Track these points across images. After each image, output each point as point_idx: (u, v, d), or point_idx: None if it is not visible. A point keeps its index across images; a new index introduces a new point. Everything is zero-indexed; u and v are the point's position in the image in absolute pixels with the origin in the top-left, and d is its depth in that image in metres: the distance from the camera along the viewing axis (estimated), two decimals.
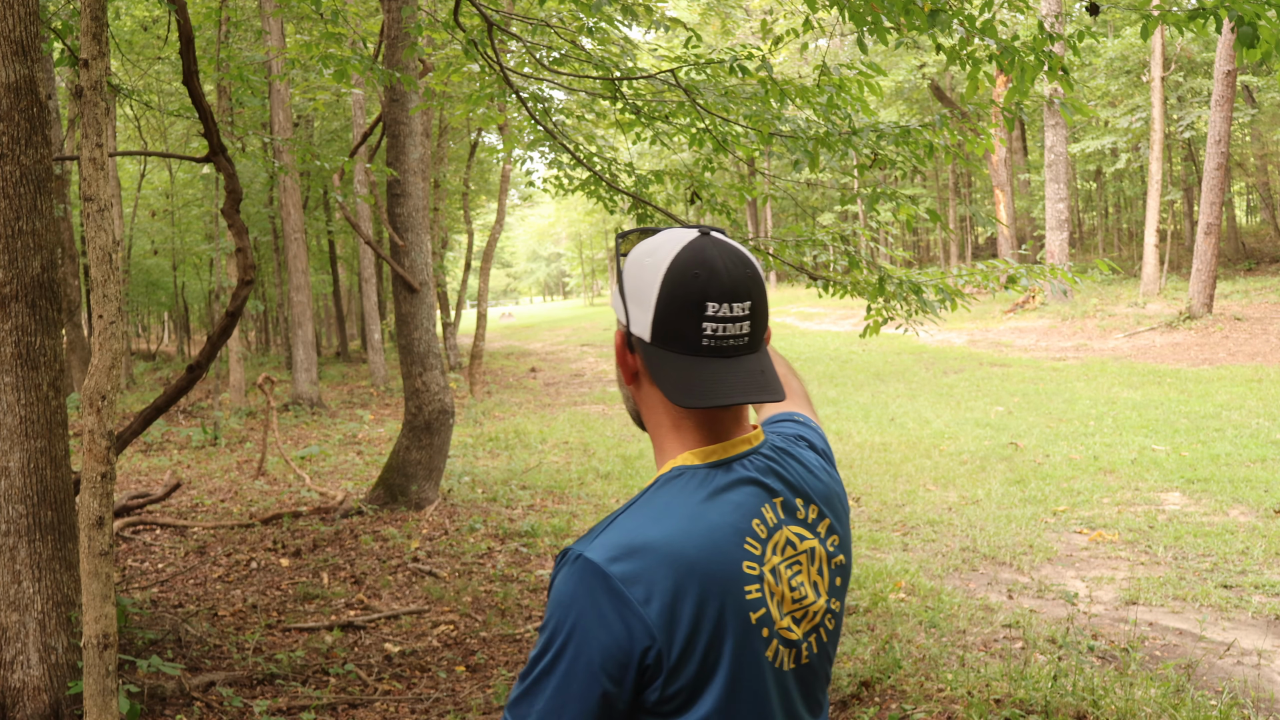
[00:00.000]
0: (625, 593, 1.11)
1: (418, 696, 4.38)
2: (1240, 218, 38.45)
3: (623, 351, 1.27)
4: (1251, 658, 4.59)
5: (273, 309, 31.35)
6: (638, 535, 1.15)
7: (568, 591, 1.13)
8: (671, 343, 1.20)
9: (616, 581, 1.11)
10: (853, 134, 5.43)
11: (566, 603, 1.12)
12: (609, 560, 1.12)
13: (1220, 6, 3.80)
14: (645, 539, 1.14)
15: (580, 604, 1.11)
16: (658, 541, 1.14)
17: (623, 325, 1.26)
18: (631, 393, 1.30)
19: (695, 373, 1.19)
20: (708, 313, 1.18)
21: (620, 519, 1.18)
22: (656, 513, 1.17)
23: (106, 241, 3.03)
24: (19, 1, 3.73)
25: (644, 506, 1.19)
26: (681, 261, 1.20)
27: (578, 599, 1.12)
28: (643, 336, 1.22)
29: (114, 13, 14.32)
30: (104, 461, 2.96)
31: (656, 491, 1.20)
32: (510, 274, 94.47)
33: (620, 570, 1.12)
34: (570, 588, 1.13)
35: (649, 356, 1.23)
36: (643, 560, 1.12)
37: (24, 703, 3.70)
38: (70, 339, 14.49)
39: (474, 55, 5.71)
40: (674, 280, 1.20)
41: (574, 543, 1.17)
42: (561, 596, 1.13)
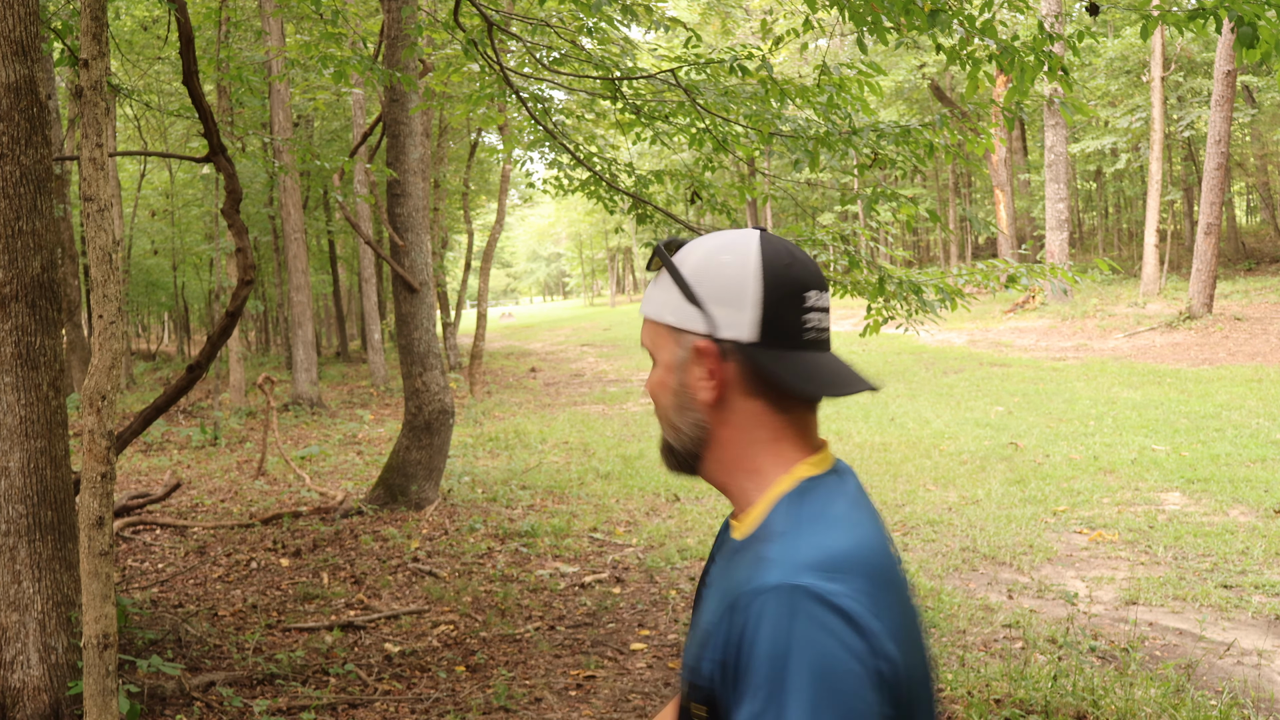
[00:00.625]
0: (853, 608, 0.98)
1: (418, 696, 4.38)
2: (1240, 218, 38.46)
3: (710, 364, 1.12)
4: (1251, 658, 4.59)
5: (273, 309, 31.36)
6: (830, 550, 1.02)
7: (792, 627, 0.96)
8: (781, 339, 1.10)
9: (840, 599, 0.98)
10: (853, 134, 5.43)
11: (800, 643, 0.95)
12: (822, 581, 0.99)
13: (1220, 7, 3.80)
14: (838, 552, 1.02)
15: (814, 635, 0.96)
16: (848, 552, 1.03)
17: (702, 334, 1.12)
18: (705, 417, 1.14)
19: (812, 366, 1.11)
20: (808, 303, 1.12)
21: (797, 542, 1.03)
22: (829, 524, 1.06)
23: (106, 241, 3.03)
24: (19, 1, 3.73)
25: (811, 523, 1.06)
26: (770, 253, 1.12)
27: (810, 636, 0.96)
28: (740, 338, 1.10)
29: (114, 13, 14.32)
30: (104, 461, 2.96)
31: (808, 504, 1.09)
32: (510, 274, 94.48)
33: (836, 588, 0.99)
34: (794, 625, 0.96)
35: (755, 359, 1.10)
36: (851, 574, 1.01)
37: (24, 703, 3.70)
38: (70, 339, 14.49)
39: (474, 55, 5.71)
40: (772, 271, 1.11)
41: (762, 578, 1.00)
42: (788, 633, 0.96)
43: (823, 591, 0.98)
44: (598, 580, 6.14)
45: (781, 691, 0.95)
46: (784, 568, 1.00)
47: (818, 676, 0.94)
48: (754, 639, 0.97)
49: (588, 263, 71.98)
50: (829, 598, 0.97)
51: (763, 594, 0.99)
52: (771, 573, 1.00)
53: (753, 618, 0.98)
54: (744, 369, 1.11)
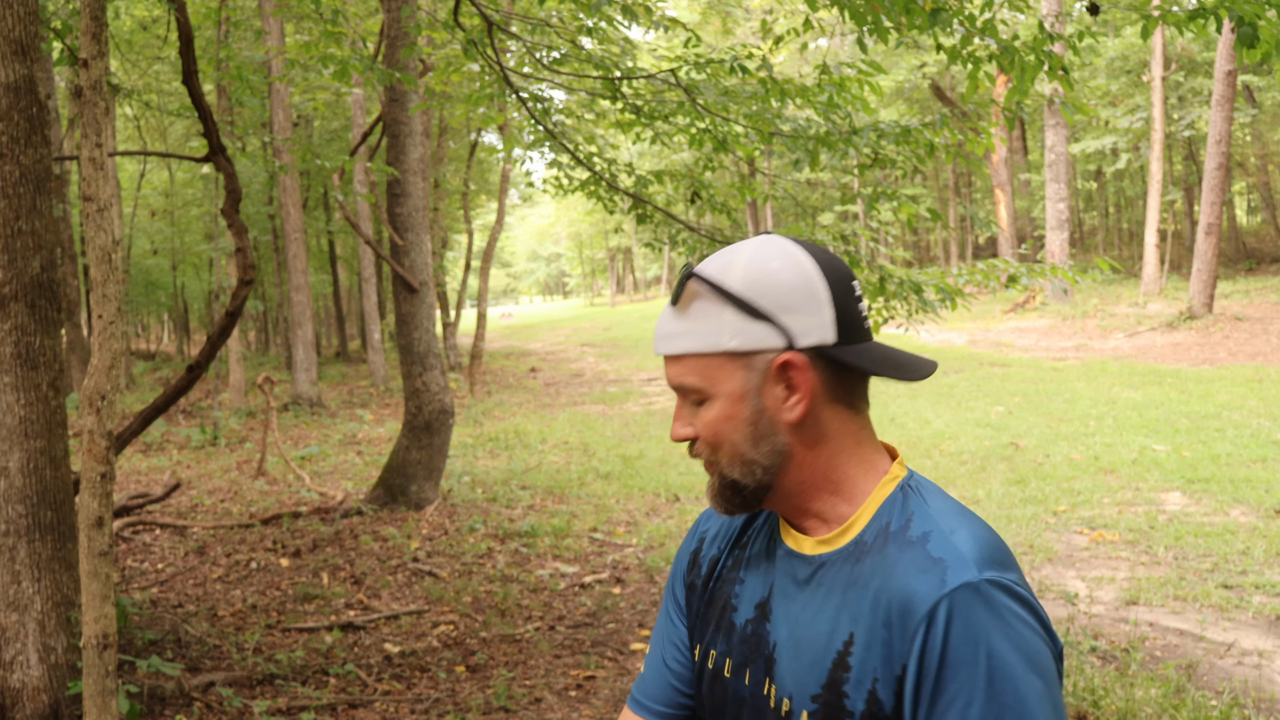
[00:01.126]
0: (1034, 600, 0.99)
1: (418, 696, 4.37)
2: (1241, 218, 38.44)
3: (801, 377, 1.05)
4: (1252, 658, 4.59)
5: (273, 309, 31.35)
6: (987, 543, 1.01)
7: (992, 623, 0.95)
8: (855, 333, 1.07)
9: (1024, 590, 0.99)
10: (853, 133, 5.43)
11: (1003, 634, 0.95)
12: (1001, 573, 0.98)
13: (1220, 7, 3.80)
14: (992, 544, 1.02)
15: (1015, 628, 0.96)
16: (996, 542, 1.03)
17: (780, 348, 1.05)
18: (788, 439, 1.07)
19: (883, 353, 1.08)
20: (857, 292, 1.09)
21: (957, 539, 1.01)
22: (968, 518, 1.05)
23: (106, 241, 3.03)
24: (19, 1, 3.73)
25: (954, 518, 1.04)
26: (811, 252, 1.08)
27: (1008, 625, 0.95)
28: (824, 341, 1.05)
29: (114, 12, 14.32)
30: (103, 461, 2.96)
31: (933, 499, 1.07)
32: (510, 274, 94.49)
33: (1014, 578, 0.99)
34: (996, 621, 0.95)
35: (842, 359, 1.05)
36: (1010, 558, 1.02)
37: (24, 703, 3.69)
38: (70, 339, 14.49)
39: (474, 55, 5.71)
40: (829, 267, 1.07)
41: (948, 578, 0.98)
42: (991, 630, 0.95)
43: (1006, 582, 0.97)
44: (598, 580, 6.14)
45: (1008, 685, 0.93)
46: (962, 566, 0.98)
47: (1030, 667, 0.94)
48: (957, 642, 0.95)
49: (588, 263, 71.98)
50: (1013, 587, 0.97)
51: (956, 595, 0.96)
52: (953, 573, 0.97)
53: (948, 623, 0.96)
54: (828, 376, 1.07)
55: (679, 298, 1.08)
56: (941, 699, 0.95)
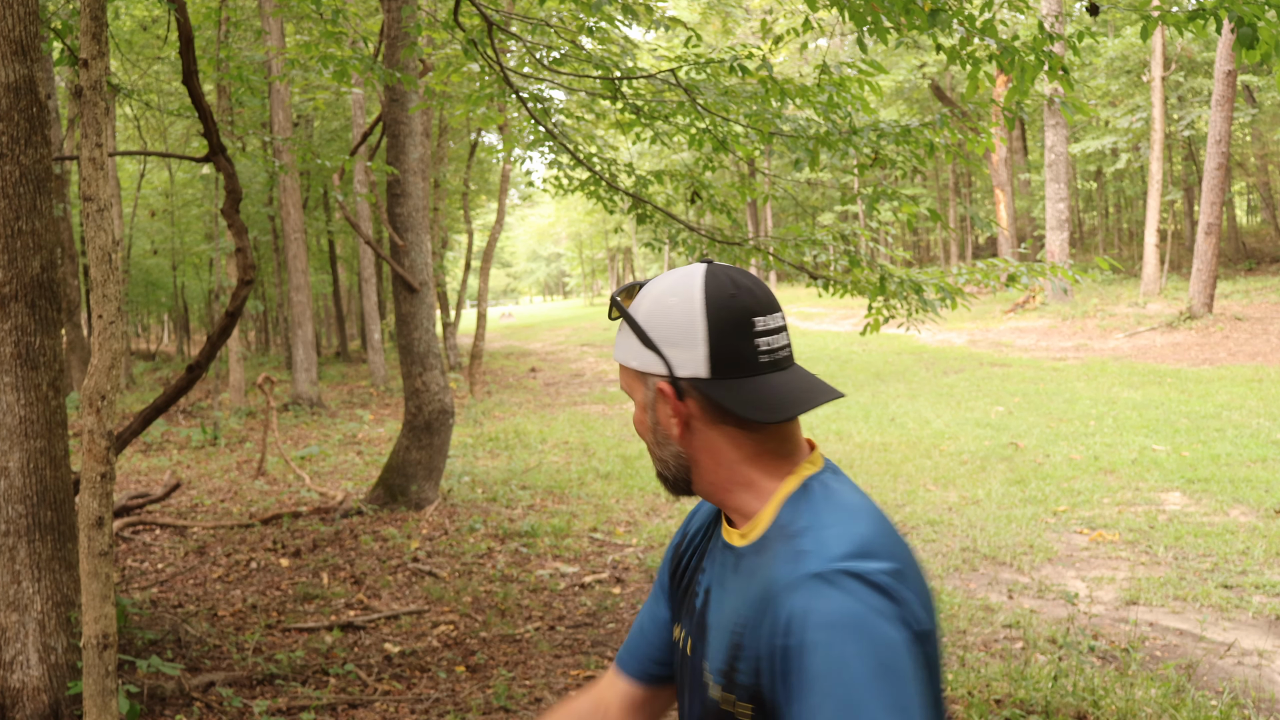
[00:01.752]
0: (890, 586, 1.06)
1: (418, 696, 4.37)
2: (1241, 218, 38.46)
3: (670, 404, 1.19)
4: (1252, 658, 4.59)
5: (273, 309, 31.36)
6: (858, 536, 1.09)
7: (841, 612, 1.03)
8: (734, 369, 1.16)
9: (879, 578, 1.06)
10: (853, 133, 5.43)
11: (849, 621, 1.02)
12: (856, 562, 1.06)
13: (1220, 7, 3.80)
14: (864, 538, 1.10)
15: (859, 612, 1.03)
16: (872, 536, 1.10)
17: (662, 376, 1.18)
18: (681, 450, 1.21)
19: (768, 389, 1.16)
20: (757, 329, 1.17)
21: (825, 534, 1.10)
22: (848, 514, 1.13)
23: (106, 241, 3.03)
24: (19, 1, 3.73)
25: (830, 515, 1.13)
26: (714, 288, 1.17)
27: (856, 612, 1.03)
28: (697, 375, 1.16)
29: (114, 12, 14.32)
30: (103, 461, 2.96)
31: (819, 499, 1.15)
32: (510, 274, 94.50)
33: (873, 570, 1.06)
34: (841, 607, 1.03)
35: (711, 393, 1.16)
36: (879, 555, 1.08)
37: (24, 703, 3.70)
38: (70, 339, 14.49)
39: (474, 55, 5.71)
40: (716, 306, 1.16)
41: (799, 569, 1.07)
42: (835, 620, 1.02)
43: (860, 570, 1.05)
44: (598, 580, 6.14)
45: (842, 669, 1.01)
46: (820, 557, 1.07)
47: (870, 650, 1.01)
48: (804, 625, 1.04)
49: (588, 263, 72.00)
50: (867, 576, 1.05)
51: (806, 583, 1.06)
52: (810, 563, 1.07)
53: (799, 607, 1.05)
54: (704, 403, 1.18)
55: (612, 316, 1.25)
56: (790, 680, 1.04)
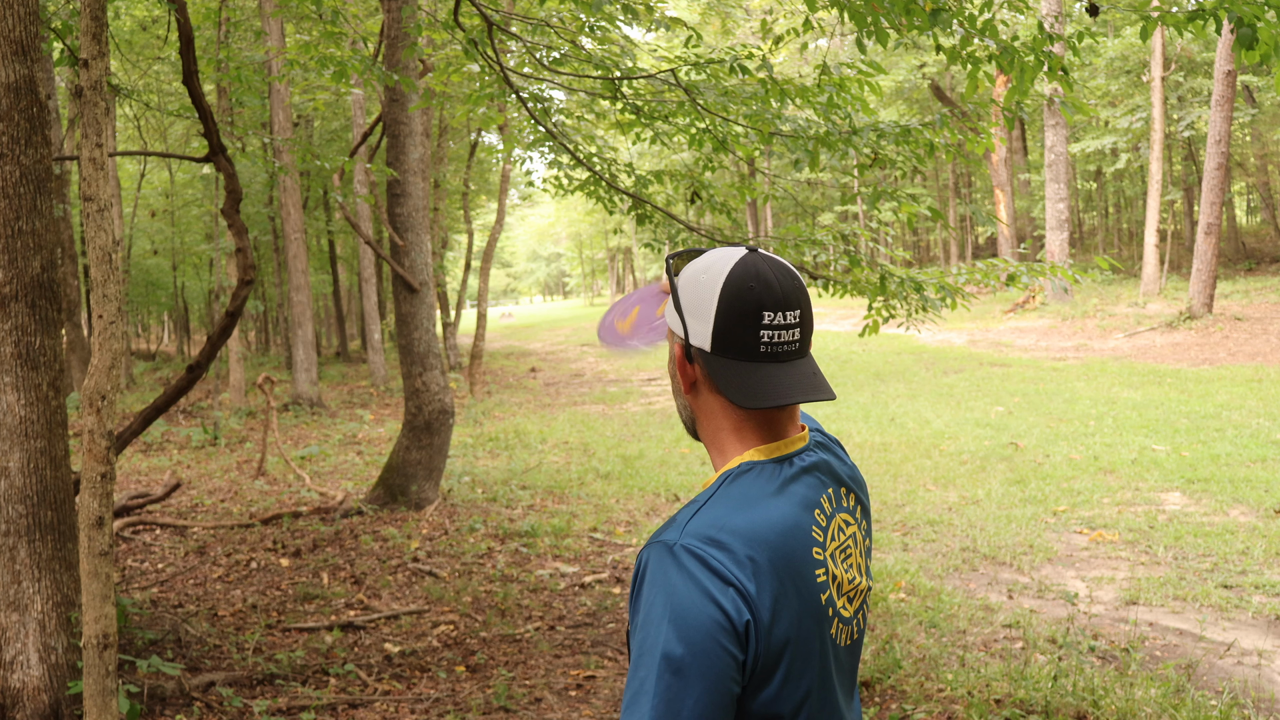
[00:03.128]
0: (725, 572, 1.18)
1: (418, 696, 4.38)
2: (1240, 218, 38.45)
3: (682, 363, 1.35)
4: (1252, 658, 4.59)
5: (273, 309, 31.35)
6: (725, 522, 1.23)
7: (669, 579, 1.18)
8: (731, 350, 1.30)
9: (715, 562, 1.18)
10: (853, 133, 5.43)
11: (669, 589, 1.17)
12: (703, 544, 1.20)
13: (1220, 8, 3.80)
14: (732, 526, 1.22)
15: (683, 587, 1.17)
16: (743, 528, 1.22)
17: (681, 339, 1.34)
18: (689, 401, 1.38)
19: (755, 377, 1.29)
20: (764, 321, 1.29)
21: (702, 511, 1.25)
22: (735, 504, 1.26)
23: (106, 241, 3.03)
24: (19, 1, 3.73)
25: (722, 499, 1.26)
26: (736, 275, 1.30)
27: (678, 583, 1.17)
28: (703, 347, 1.31)
29: (114, 12, 14.32)
30: (104, 461, 2.96)
31: (731, 485, 1.29)
32: (510, 274, 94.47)
33: (716, 553, 1.19)
34: (671, 574, 1.18)
35: (709, 365, 1.31)
36: (733, 544, 1.20)
37: (24, 703, 3.70)
38: (70, 339, 14.49)
39: (474, 55, 5.71)
40: (731, 293, 1.29)
41: (658, 536, 1.23)
42: (664, 584, 1.18)
43: (698, 550, 1.19)
44: (598, 580, 6.14)
45: (648, 624, 1.16)
46: (676, 530, 1.22)
47: (676, 615, 1.15)
48: (640, 579, 1.21)
49: (588, 263, 71.99)
50: (703, 555, 1.19)
51: (654, 545, 1.22)
52: (668, 532, 1.23)
53: (643, 561, 1.22)
54: (703, 371, 1.33)
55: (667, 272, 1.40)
56: (633, 619, 1.21)
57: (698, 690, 1.14)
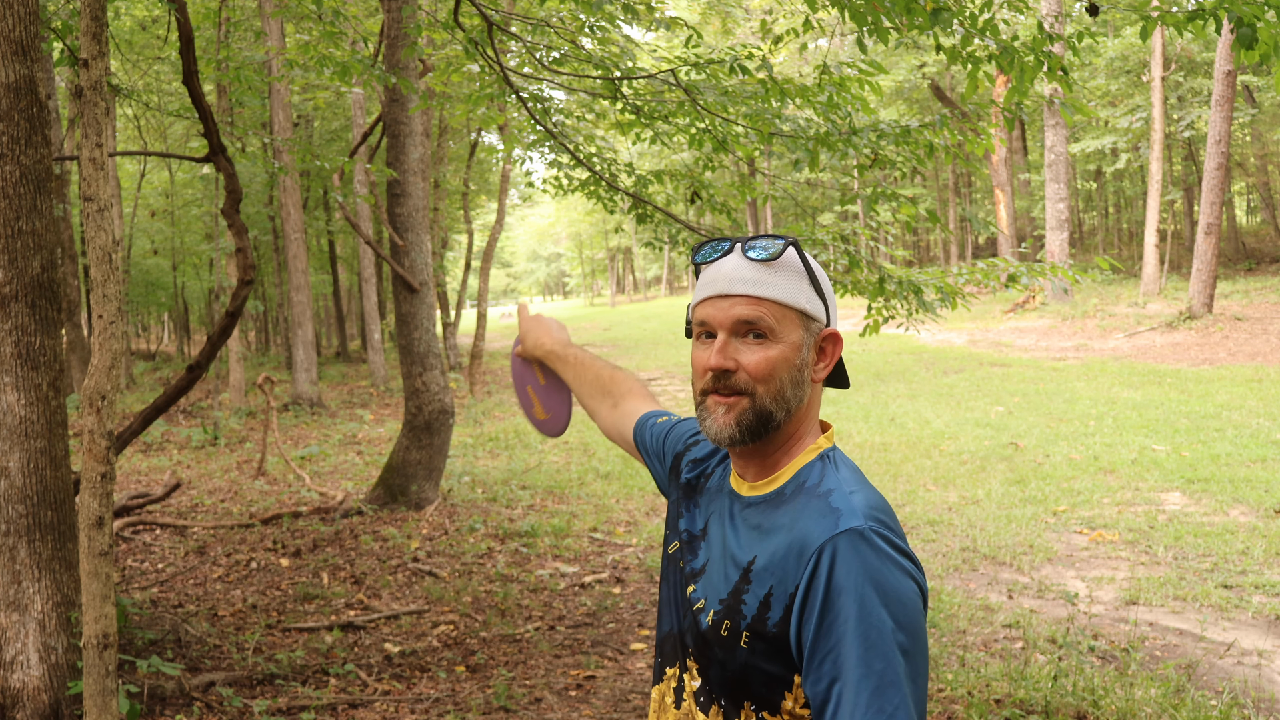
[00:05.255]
0: (909, 549, 1.22)
1: (418, 696, 4.38)
2: (1240, 218, 38.45)
3: (833, 349, 1.36)
4: (1252, 658, 4.59)
5: (273, 309, 31.36)
6: (877, 501, 1.25)
7: (871, 563, 1.17)
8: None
9: (900, 540, 1.22)
10: (853, 134, 5.43)
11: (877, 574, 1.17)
12: (882, 526, 1.21)
13: (1220, 8, 3.80)
14: (883, 505, 1.26)
15: (888, 570, 1.17)
16: (887, 506, 1.27)
17: (823, 323, 1.35)
18: (807, 393, 1.35)
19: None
20: None
21: (855, 493, 1.25)
22: (865, 483, 1.30)
23: (106, 241, 3.03)
24: (19, 1, 3.73)
25: (856, 480, 1.29)
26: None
27: (882, 567, 1.17)
28: (838, 332, 1.36)
29: (114, 12, 14.31)
30: (104, 461, 2.96)
31: (844, 466, 1.33)
32: (510, 274, 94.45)
33: (894, 533, 1.22)
34: (871, 559, 1.18)
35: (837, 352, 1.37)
36: (893, 522, 1.24)
37: (24, 703, 3.70)
38: (70, 339, 14.49)
39: (474, 55, 5.71)
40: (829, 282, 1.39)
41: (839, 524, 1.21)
42: (868, 569, 1.17)
43: (884, 533, 1.20)
44: (598, 580, 6.14)
45: (866, 614, 1.14)
46: (856, 516, 1.21)
47: (892, 599, 1.15)
48: (834, 573, 1.17)
49: (588, 263, 71.97)
50: (890, 536, 1.20)
51: (841, 537, 1.19)
52: (846, 520, 1.20)
53: (834, 558, 1.18)
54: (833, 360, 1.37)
55: (777, 256, 1.32)
56: (828, 617, 1.16)
57: (922, 665, 1.16)
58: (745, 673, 1.25)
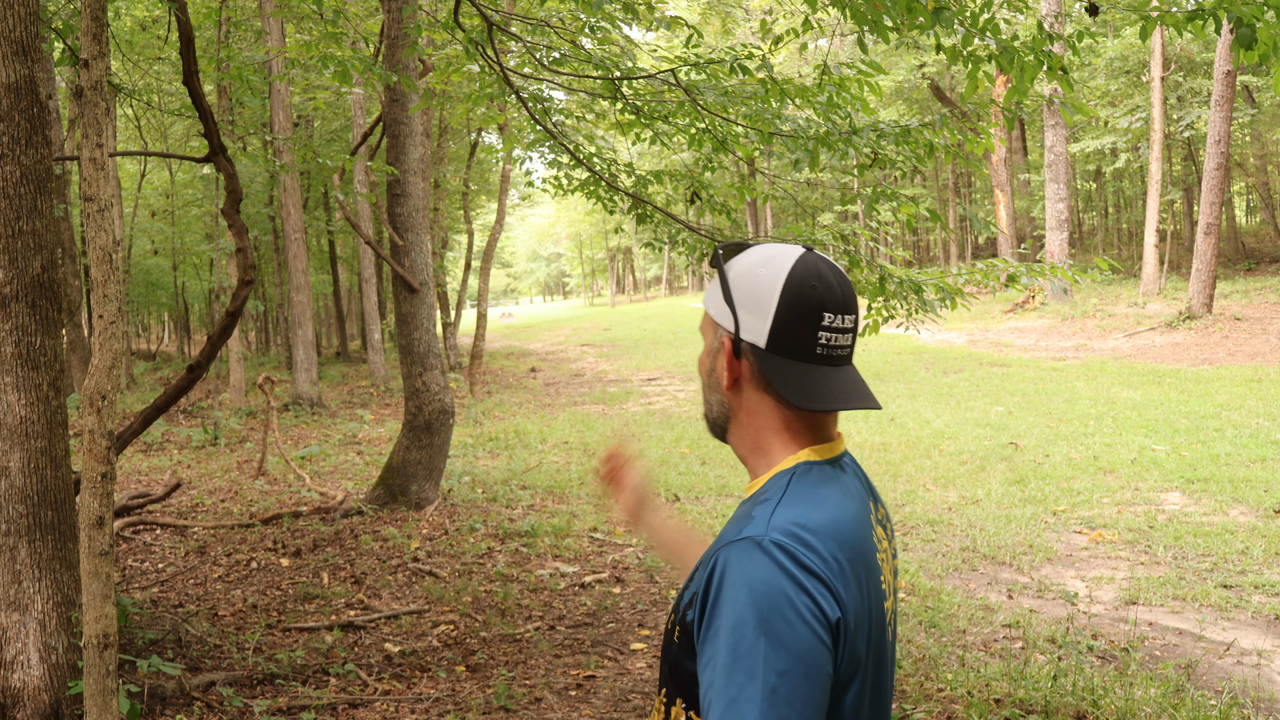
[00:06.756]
0: (817, 568, 1.14)
1: (418, 696, 4.38)
2: (1240, 218, 38.45)
3: (730, 358, 1.30)
4: (1251, 657, 4.59)
5: (273, 309, 31.36)
6: (806, 520, 1.18)
7: (759, 575, 1.11)
8: (788, 349, 1.26)
9: (806, 558, 1.13)
10: (853, 133, 5.44)
11: (760, 585, 1.11)
12: (791, 540, 1.14)
13: (1219, 8, 3.80)
14: (814, 524, 1.18)
15: (776, 582, 1.11)
16: (824, 528, 1.18)
17: (729, 332, 1.30)
18: (727, 398, 1.33)
19: (811, 378, 1.26)
20: (824, 323, 1.26)
21: (780, 508, 1.19)
22: (811, 503, 1.21)
23: (106, 241, 3.03)
24: (19, 1, 3.73)
25: (796, 497, 1.21)
26: (799, 273, 1.27)
27: (771, 578, 1.11)
28: (756, 343, 1.27)
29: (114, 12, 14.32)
30: (104, 461, 2.96)
31: (798, 483, 1.24)
32: (510, 274, 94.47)
33: (805, 550, 1.14)
34: (761, 570, 1.12)
35: (763, 362, 1.27)
36: (818, 543, 1.16)
37: (24, 703, 3.70)
38: (70, 339, 14.49)
39: (474, 55, 5.72)
40: (794, 290, 1.26)
41: (738, 534, 1.17)
42: (752, 580, 1.11)
43: (788, 546, 1.14)
44: (598, 580, 6.15)
45: (740, 627, 1.10)
46: (760, 526, 1.17)
47: (771, 611, 1.09)
48: (721, 580, 1.14)
49: (588, 263, 72.00)
50: (793, 551, 1.13)
51: (736, 543, 1.16)
52: (750, 528, 1.17)
53: (723, 562, 1.15)
54: (754, 369, 1.29)
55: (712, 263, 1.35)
56: (712, 624, 1.13)
57: (802, 690, 1.08)
58: (676, 668, 1.24)
